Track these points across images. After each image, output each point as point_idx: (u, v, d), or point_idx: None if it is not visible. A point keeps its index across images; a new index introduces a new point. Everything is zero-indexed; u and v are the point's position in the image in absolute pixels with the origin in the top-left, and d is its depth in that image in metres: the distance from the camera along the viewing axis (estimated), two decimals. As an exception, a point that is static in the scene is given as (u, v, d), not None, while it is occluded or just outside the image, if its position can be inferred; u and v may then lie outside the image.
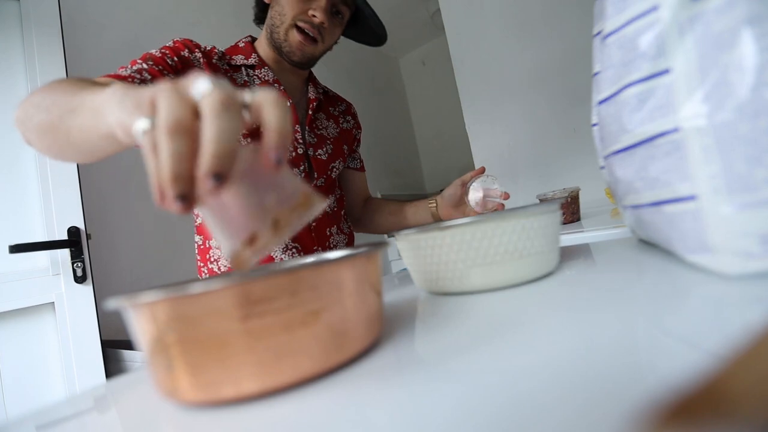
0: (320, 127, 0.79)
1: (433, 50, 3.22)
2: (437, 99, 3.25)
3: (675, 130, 0.23)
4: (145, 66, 0.57)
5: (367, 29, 0.78)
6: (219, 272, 0.71)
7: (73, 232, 1.08)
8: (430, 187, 3.43)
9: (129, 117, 0.25)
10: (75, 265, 1.07)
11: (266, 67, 0.71)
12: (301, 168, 0.74)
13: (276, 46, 0.70)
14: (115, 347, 1.13)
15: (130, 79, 0.54)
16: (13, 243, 0.97)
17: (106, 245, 1.27)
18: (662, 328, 0.18)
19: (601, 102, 0.30)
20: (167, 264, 1.39)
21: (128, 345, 1.09)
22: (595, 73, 0.33)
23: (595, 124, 0.36)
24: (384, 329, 0.25)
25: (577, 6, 1.44)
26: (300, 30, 0.66)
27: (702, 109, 0.21)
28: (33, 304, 1.01)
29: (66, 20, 1.19)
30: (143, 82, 0.56)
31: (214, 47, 0.71)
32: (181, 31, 1.65)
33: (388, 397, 0.16)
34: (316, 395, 0.17)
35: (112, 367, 1.11)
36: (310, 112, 0.76)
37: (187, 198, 0.20)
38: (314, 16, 0.65)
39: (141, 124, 0.23)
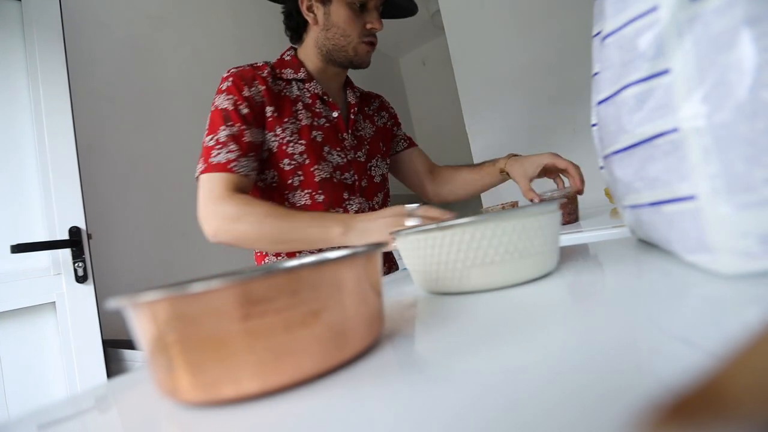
0: (359, 129, 0.82)
1: (433, 50, 3.22)
2: (437, 99, 3.24)
3: (674, 130, 0.23)
4: (233, 132, 0.66)
5: (396, 5, 0.82)
6: None
7: (75, 232, 1.08)
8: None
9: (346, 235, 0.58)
10: (76, 264, 1.07)
11: (314, 81, 0.76)
12: (351, 172, 0.77)
13: (341, 62, 0.75)
14: (116, 347, 1.13)
15: (236, 163, 0.65)
16: (14, 243, 0.97)
17: (107, 245, 1.28)
18: (661, 328, 0.18)
19: (601, 102, 0.30)
20: (168, 264, 1.40)
21: (129, 344, 1.10)
22: (595, 74, 0.33)
23: (594, 125, 0.36)
24: (384, 329, 0.25)
25: (576, 6, 1.44)
26: (366, 43, 0.73)
27: (701, 109, 0.21)
28: (34, 304, 1.01)
29: (67, 20, 1.19)
30: (243, 147, 0.66)
31: (265, 63, 0.75)
32: (182, 32, 1.65)
33: (388, 397, 0.16)
34: (316, 395, 0.17)
35: (113, 366, 1.11)
36: (352, 116, 0.80)
37: None
38: (374, 28, 0.72)
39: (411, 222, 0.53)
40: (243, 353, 0.17)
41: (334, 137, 0.76)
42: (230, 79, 0.69)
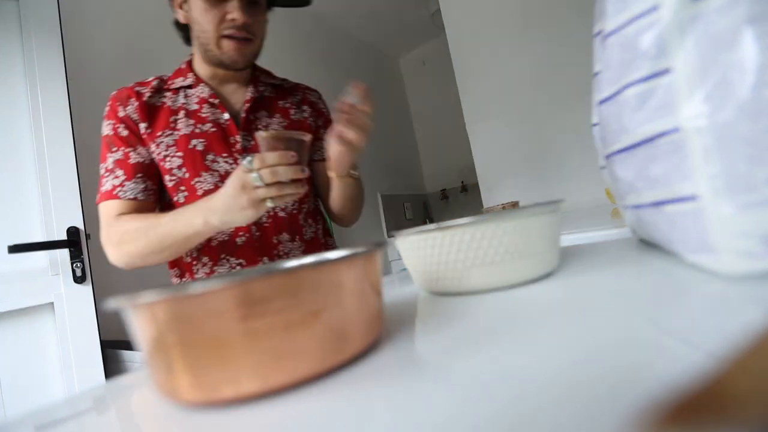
0: (259, 127, 0.73)
1: (433, 50, 3.22)
2: (437, 99, 3.25)
3: (675, 130, 0.23)
4: (118, 157, 0.66)
5: None
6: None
7: (73, 232, 1.08)
8: (430, 187, 3.43)
9: (204, 216, 0.57)
10: (74, 265, 1.07)
11: (202, 84, 0.71)
12: None
13: (216, 62, 0.69)
14: (114, 347, 1.13)
15: (120, 188, 0.65)
16: (12, 243, 0.97)
17: (106, 245, 1.27)
18: (662, 329, 0.17)
19: (602, 102, 0.30)
20: (167, 264, 1.39)
21: (128, 345, 1.09)
22: (596, 73, 0.33)
23: (595, 124, 0.36)
24: (384, 329, 0.25)
25: (577, 6, 1.44)
26: (229, 37, 0.65)
27: (703, 109, 0.21)
28: (32, 305, 1.01)
29: (65, 20, 1.19)
30: (128, 171, 0.66)
31: (155, 78, 0.72)
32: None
33: (388, 397, 0.16)
34: (316, 395, 0.17)
35: (112, 367, 1.11)
36: (244, 115, 0.72)
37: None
38: (233, 19, 0.63)
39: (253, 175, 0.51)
40: (243, 354, 0.17)
41: (220, 142, 0.69)
42: (109, 102, 0.68)
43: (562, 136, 1.53)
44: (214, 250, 0.69)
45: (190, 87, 0.71)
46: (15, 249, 0.96)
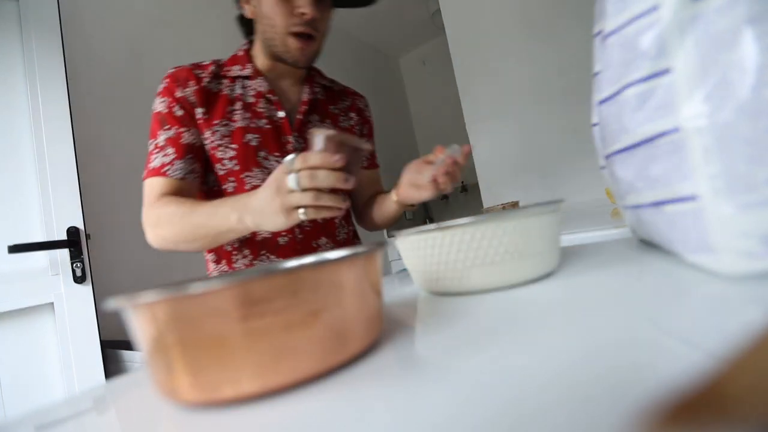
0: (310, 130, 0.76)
1: (433, 50, 3.22)
2: (437, 99, 3.25)
3: (675, 130, 0.23)
4: (170, 135, 0.65)
5: None
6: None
7: (73, 232, 1.08)
8: (429, 187, 3.42)
9: (241, 214, 0.54)
10: (74, 265, 1.07)
11: (261, 78, 0.71)
12: None
13: (278, 58, 0.69)
14: (114, 347, 1.13)
15: (170, 166, 0.64)
16: (12, 243, 0.97)
17: (106, 245, 1.27)
18: (662, 328, 0.17)
19: (602, 102, 0.30)
20: (167, 264, 1.39)
21: (128, 345, 1.09)
22: (596, 73, 0.33)
23: (595, 124, 0.36)
24: (384, 329, 0.25)
25: (577, 6, 1.44)
26: (295, 35, 0.65)
27: (703, 109, 0.21)
28: (32, 305, 1.00)
29: (65, 20, 1.19)
30: (180, 150, 0.65)
31: (212, 62, 0.71)
32: (180, 31, 1.64)
33: (387, 397, 0.16)
34: (316, 396, 0.17)
35: (112, 367, 1.11)
36: (300, 116, 0.73)
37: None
38: (303, 13, 0.63)
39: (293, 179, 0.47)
40: (243, 354, 0.17)
41: (274, 140, 0.70)
42: (166, 80, 0.67)
43: (562, 136, 1.53)
44: (256, 245, 0.70)
45: (248, 78, 0.71)
46: (15, 249, 0.96)
